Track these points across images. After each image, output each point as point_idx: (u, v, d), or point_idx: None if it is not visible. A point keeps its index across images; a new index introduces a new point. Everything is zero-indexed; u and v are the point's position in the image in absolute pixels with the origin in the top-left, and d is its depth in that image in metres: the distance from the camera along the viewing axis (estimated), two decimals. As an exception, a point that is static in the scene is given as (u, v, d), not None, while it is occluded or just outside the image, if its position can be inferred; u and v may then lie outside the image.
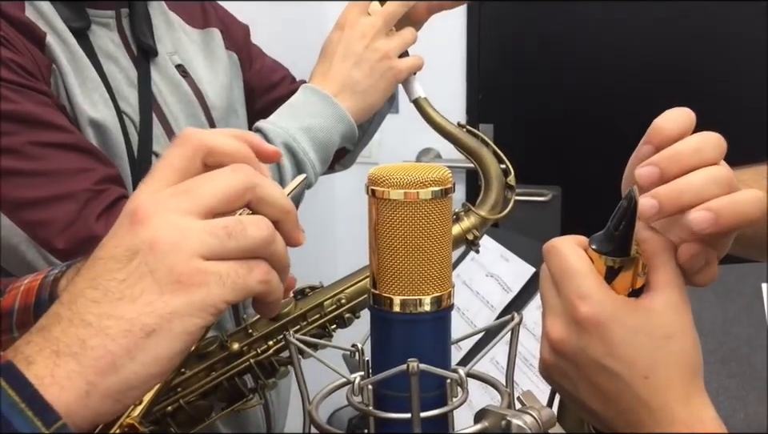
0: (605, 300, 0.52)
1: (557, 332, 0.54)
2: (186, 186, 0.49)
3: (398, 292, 0.50)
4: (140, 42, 0.91)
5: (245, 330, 0.84)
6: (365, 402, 0.52)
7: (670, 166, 0.52)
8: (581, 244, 0.55)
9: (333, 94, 0.87)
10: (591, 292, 0.52)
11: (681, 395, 0.51)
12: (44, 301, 0.62)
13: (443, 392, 0.52)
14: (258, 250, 0.49)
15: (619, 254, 0.53)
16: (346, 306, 0.85)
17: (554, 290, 0.55)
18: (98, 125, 0.82)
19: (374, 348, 0.53)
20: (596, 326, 0.52)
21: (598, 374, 0.52)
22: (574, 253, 0.54)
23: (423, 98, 0.88)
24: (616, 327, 0.51)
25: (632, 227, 0.51)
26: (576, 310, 0.52)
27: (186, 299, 0.46)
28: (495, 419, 0.50)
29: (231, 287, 0.48)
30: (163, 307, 0.46)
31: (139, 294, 0.46)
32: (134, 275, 0.46)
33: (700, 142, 0.52)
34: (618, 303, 0.52)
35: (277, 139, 0.82)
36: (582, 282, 0.52)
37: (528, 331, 1.15)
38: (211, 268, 0.47)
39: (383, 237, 0.50)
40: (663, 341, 0.52)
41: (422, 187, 0.49)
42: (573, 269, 0.53)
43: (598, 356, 0.52)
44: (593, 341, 0.52)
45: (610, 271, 0.53)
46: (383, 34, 0.88)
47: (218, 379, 0.82)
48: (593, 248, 0.54)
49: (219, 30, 1.05)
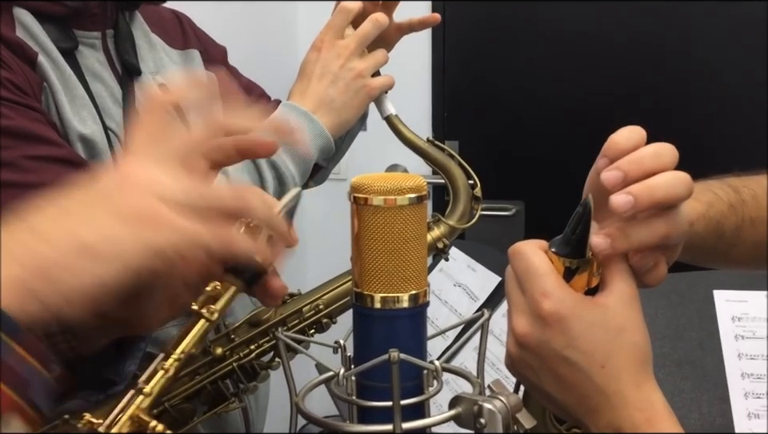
0: (565, 297, 0.57)
1: (522, 327, 0.59)
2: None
3: (379, 290, 0.55)
4: (124, 61, 0.95)
5: (227, 335, 0.88)
6: (348, 392, 0.56)
7: (632, 169, 0.57)
8: (542, 247, 0.60)
9: (311, 111, 0.92)
10: (553, 290, 0.57)
11: (633, 382, 0.56)
12: None
13: (420, 383, 0.57)
14: (225, 210, 0.51)
15: (576, 256, 0.58)
16: (324, 311, 0.88)
17: (519, 289, 0.60)
18: (86, 140, 0.85)
19: (356, 343, 0.58)
20: (558, 320, 0.57)
21: (559, 364, 0.57)
22: (536, 255, 0.59)
23: (395, 116, 0.94)
24: (575, 322, 0.56)
25: (587, 231, 0.56)
26: (539, 306, 0.57)
27: (135, 231, 0.48)
28: (468, 405, 0.55)
29: (183, 236, 0.49)
30: (111, 231, 0.47)
31: (92, 215, 0.48)
32: (94, 200, 0.49)
33: (658, 149, 0.58)
34: (576, 300, 0.57)
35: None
36: (545, 281, 0.57)
37: (495, 337, 1.20)
38: (169, 214, 0.49)
39: (365, 240, 0.55)
40: (617, 334, 0.57)
41: (400, 194, 0.54)
42: (536, 269, 0.58)
43: (560, 348, 0.57)
44: (555, 334, 0.57)
45: (568, 272, 0.58)
46: (357, 54, 0.93)
47: (202, 382, 0.85)
48: (552, 251, 0.59)
49: (198, 51, 1.09)
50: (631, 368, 0.57)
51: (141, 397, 0.53)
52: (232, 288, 0.57)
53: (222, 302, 0.56)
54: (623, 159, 0.58)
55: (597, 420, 0.56)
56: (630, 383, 0.56)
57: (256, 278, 0.58)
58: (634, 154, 0.58)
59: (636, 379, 0.56)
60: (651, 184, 0.56)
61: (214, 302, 0.56)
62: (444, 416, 0.55)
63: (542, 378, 0.59)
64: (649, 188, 0.56)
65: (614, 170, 0.57)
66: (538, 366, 0.59)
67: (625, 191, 0.56)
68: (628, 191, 0.56)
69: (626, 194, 0.56)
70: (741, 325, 1.15)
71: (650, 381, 0.57)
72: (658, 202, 0.57)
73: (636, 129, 0.60)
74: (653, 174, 0.57)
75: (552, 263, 0.59)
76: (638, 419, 0.55)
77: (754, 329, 1.14)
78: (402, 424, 0.53)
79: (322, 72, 0.93)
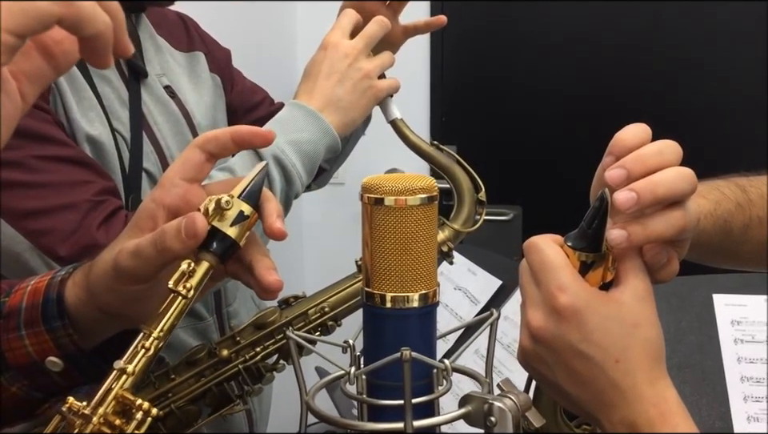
0: (581, 291, 0.57)
1: (536, 321, 0.59)
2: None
3: (389, 289, 0.55)
4: (131, 64, 0.95)
5: (232, 337, 0.88)
6: (359, 391, 0.57)
7: (635, 168, 0.58)
8: (557, 242, 0.60)
9: (318, 110, 0.92)
10: (569, 284, 0.57)
11: (647, 377, 0.56)
12: (51, 300, 0.64)
13: (430, 382, 0.57)
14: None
15: (592, 250, 0.58)
16: (329, 314, 0.89)
17: (534, 283, 0.60)
18: (94, 141, 0.86)
19: (367, 342, 0.58)
20: (573, 314, 0.57)
21: (574, 358, 0.57)
22: (552, 249, 0.59)
23: (400, 120, 0.94)
24: (591, 316, 0.57)
25: (604, 225, 0.57)
26: (555, 300, 0.57)
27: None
28: (478, 404, 0.55)
29: (5, 10, 0.43)
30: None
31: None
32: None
33: (661, 147, 0.59)
34: (592, 294, 0.58)
35: (267, 152, 0.86)
36: (561, 275, 0.58)
37: (496, 339, 1.20)
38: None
39: (376, 240, 0.55)
40: (632, 328, 0.57)
41: (411, 195, 0.55)
42: (552, 263, 0.58)
43: (575, 342, 0.57)
44: (570, 328, 0.57)
45: (583, 266, 0.58)
46: (364, 55, 0.93)
47: (208, 384, 0.86)
48: (568, 245, 0.59)
49: (203, 54, 1.10)
50: (645, 364, 0.57)
51: (124, 377, 0.54)
52: (205, 264, 0.58)
53: (197, 278, 0.57)
54: (627, 157, 0.58)
55: (610, 415, 0.57)
56: (644, 378, 0.56)
57: (227, 252, 0.59)
58: (637, 152, 0.59)
59: (650, 375, 0.57)
60: (653, 181, 0.57)
61: (188, 280, 0.57)
62: (454, 415, 0.55)
63: (556, 372, 0.59)
64: (651, 184, 0.57)
65: (617, 168, 0.58)
66: (553, 360, 0.59)
67: (627, 188, 0.57)
68: (631, 188, 0.57)
69: (628, 191, 0.56)
70: (740, 329, 1.15)
71: (663, 377, 0.57)
72: (661, 199, 0.57)
73: (641, 126, 0.61)
74: (656, 172, 0.58)
75: (568, 257, 0.59)
76: (652, 414, 0.55)
77: (753, 333, 1.15)
78: (413, 422, 0.53)
79: (329, 71, 0.92)
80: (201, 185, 0.64)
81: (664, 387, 0.57)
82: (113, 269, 0.61)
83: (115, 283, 0.61)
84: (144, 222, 0.62)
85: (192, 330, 1.00)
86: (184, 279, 0.57)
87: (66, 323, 0.63)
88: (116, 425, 0.53)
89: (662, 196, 0.57)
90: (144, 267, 0.60)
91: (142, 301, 0.62)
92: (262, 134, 0.63)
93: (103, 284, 0.62)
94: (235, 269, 0.63)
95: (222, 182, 0.66)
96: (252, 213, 0.60)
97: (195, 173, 0.64)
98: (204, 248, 0.58)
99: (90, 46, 0.48)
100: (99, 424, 0.52)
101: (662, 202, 0.58)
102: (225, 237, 0.59)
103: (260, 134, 0.62)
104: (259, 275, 0.61)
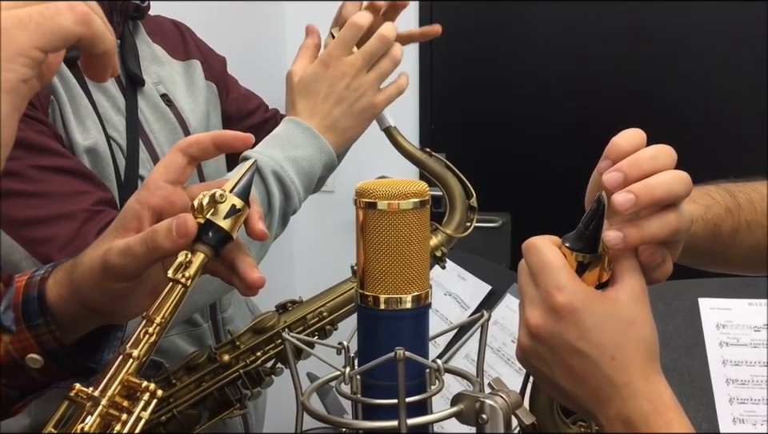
0: (578, 291, 0.59)
1: (535, 319, 0.60)
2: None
3: (383, 291, 0.57)
4: (129, 72, 0.97)
5: (232, 343, 0.90)
6: (354, 391, 0.58)
7: (632, 171, 0.60)
8: (555, 243, 0.62)
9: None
10: (567, 283, 0.59)
11: (642, 374, 0.58)
12: (32, 299, 0.65)
13: (423, 382, 0.59)
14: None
15: (589, 250, 0.60)
16: (327, 318, 0.90)
17: (532, 283, 0.62)
18: (90, 151, 0.87)
19: (361, 342, 0.60)
20: (571, 313, 0.59)
21: (571, 356, 0.59)
22: (550, 249, 0.61)
23: (393, 127, 0.96)
24: (588, 314, 0.58)
25: (600, 226, 0.59)
26: (553, 299, 0.59)
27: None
28: (470, 402, 0.57)
29: (37, 29, 0.46)
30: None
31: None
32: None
33: (655, 151, 0.61)
34: (589, 294, 0.59)
35: (266, 168, 0.87)
36: (559, 274, 0.60)
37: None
38: (7, 14, 0.45)
39: (369, 243, 0.57)
40: (627, 327, 0.59)
41: (404, 199, 0.56)
42: (550, 263, 0.60)
43: (572, 340, 0.59)
44: (568, 326, 0.59)
45: (580, 266, 0.60)
46: (364, 71, 0.93)
47: (209, 389, 0.87)
48: (566, 246, 0.61)
49: (200, 62, 1.11)
50: (640, 361, 0.58)
51: (130, 361, 0.56)
52: (200, 255, 0.60)
53: (194, 268, 0.59)
54: (623, 161, 0.60)
55: (606, 411, 0.58)
56: (639, 375, 0.58)
57: (221, 243, 0.61)
58: (633, 156, 0.60)
59: (644, 371, 0.58)
60: (651, 183, 0.59)
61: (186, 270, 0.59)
62: (447, 413, 0.57)
63: (553, 369, 0.60)
64: (649, 186, 0.59)
65: (614, 172, 0.60)
66: (550, 357, 0.60)
67: (626, 190, 0.58)
68: (629, 190, 0.58)
69: (627, 192, 0.58)
70: (725, 332, 1.17)
71: (657, 373, 0.59)
72: (658, 200, 0.59)
73: (637, 131, 0.63)
74: (652, 175, 0.60)
75: (565, 257, 0.61)
76: (646, 409, 0.57)
77: (738, 336, 1.16)
78: (407, 421, 0.54)
79: (327, 92, 0.93)
80: (183, 187, 0.66)
81: (658, 383, 0.58)
82: (101, 267, 0.62)
83: (102, 281, 0.62)
84: (129, 222, 0.64)
85: (188, 336, 1.01)
86: (182, 269, 0.59)
87: (49, 321, 0.64)
88: (123, 407, 0.55)
89: (659, 198, 0.59)
90: (133, 264, 0.61)
91: (126, 298, 0.64)
92: (241, 138, 0.64)
93: (89, 282, 0.63)
94: (216, 267, 0.65)
95: (202, 184, 0.68)
96: (243, 207, 0.62)
97: (177, 175, 0.65)
98: (199, 240, 0.61)
99: (96, 62, 0.52)
100: (108, 406, 0.54)
101: (658, 203, 0.60)
102: (219, 229, 0.61)
103: (240, 138, 0.64)
104: (243, 272, 0.63)
